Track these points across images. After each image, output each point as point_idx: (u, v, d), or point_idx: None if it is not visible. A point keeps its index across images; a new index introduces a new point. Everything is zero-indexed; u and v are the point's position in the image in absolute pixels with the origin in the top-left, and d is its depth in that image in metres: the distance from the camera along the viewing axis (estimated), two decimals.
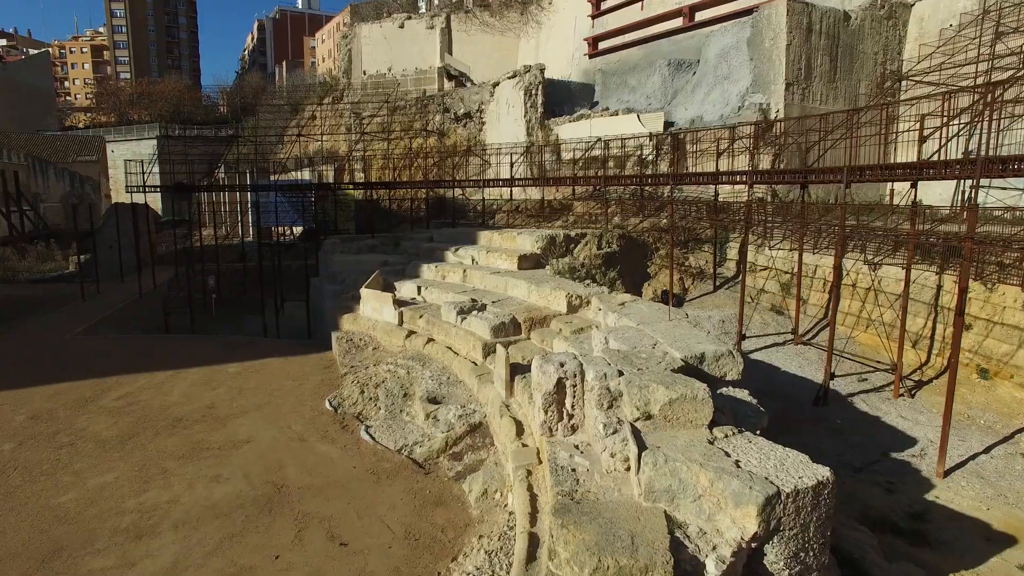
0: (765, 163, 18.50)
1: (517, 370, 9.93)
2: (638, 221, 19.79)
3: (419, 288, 16.29)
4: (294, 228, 32.35)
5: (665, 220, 19.57)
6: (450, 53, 40.14)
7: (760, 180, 14.81)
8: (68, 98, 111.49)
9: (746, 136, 17.52)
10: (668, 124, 22.82)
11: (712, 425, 6.40)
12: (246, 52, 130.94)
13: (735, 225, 19.13)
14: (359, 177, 33.84)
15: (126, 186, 25.31)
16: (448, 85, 38.84)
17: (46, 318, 20.74)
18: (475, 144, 29.52)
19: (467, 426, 9.92)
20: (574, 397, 7.23)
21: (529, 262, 16.08)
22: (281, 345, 17.38)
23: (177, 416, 11.51)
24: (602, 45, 33.43)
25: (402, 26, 40.58)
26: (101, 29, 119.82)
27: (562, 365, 7.26)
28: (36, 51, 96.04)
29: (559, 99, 30.34)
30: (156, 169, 32.83)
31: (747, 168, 17.78)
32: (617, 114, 25.05)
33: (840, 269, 13.10)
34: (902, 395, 12.88)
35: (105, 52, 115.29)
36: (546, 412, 7.20)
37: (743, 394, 7.55)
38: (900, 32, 19.67)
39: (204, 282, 21.27)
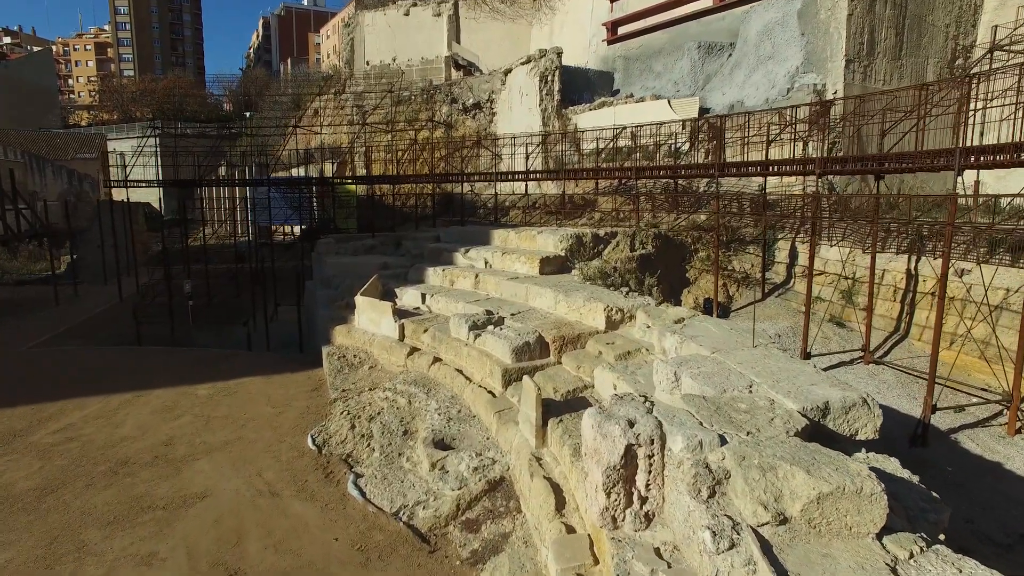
0: (821, 151, 16.08)
1: (550, 410, 7.62)
2: (672, 218, 17.44)
3: (424, 296, 14.00)
4: (295, 227, 30.23)
5: (705, 217, 17.20)
6: (458, 42, 37.89)
7: (830, 170, 12.46)
8: (72, 96, 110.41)
9: (803, 120, 15.16)
10: (703, 111, 20.45)
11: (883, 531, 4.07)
12: (251, 50, 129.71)
13: (786, 223, 16.73)
14: (361, 172, 31.64)
15: (105, 181, 23.23)
16: (456, 75, 36.58)
17: (9, 326, 18.61)
18: (485, 136, 27.22)
19: (485, 483, 7.60)
20: (650, 472, 4.90)
21: (552, 266, 13.76)
22: (265, 360, 15.12)
23: (123, 457, 9.27)
24: (622, 30, 31.02)
25: (407, 13, 38.36)
26: (105, 27, 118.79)
27: (631, 425, 4.92)
28: (40, 48, 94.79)
29: (576, 87, 28.02)
30: (158, 163, 30.92)
31: (800, 156, 15.39)
32: (644, 100, 22.68)
33: (946, 276, 10.68)
34: (1019, 431, 10.43)
35: (109, 50, 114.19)
36: (609, 495, 4.86)
37: (893, 465, 5.19)
38: (975, 1, 17.22)
39: (181, 287, 19.08)
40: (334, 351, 13.89)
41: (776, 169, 13.80)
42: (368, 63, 39.15)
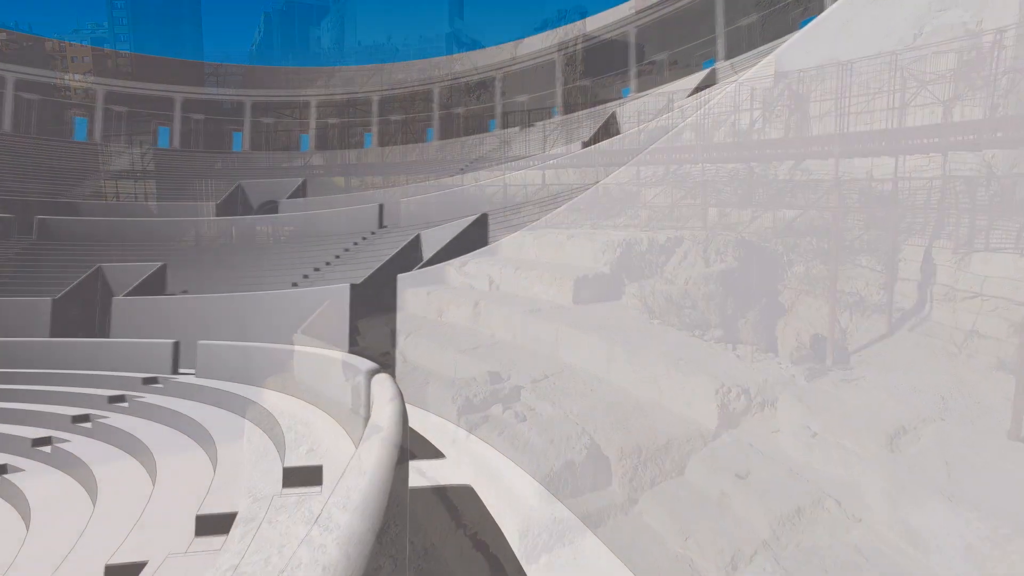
0: (974, 114, 11.24)
1: None
2: (749, 217, 12.68)
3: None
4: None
5: (798, 215, 12.38)
6: (460, 17, 33.28)
7: None
8: (68, 93, 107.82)
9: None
10: (778, 75, 15.65)
11: None
12: (254, 47, 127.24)
13: (914, 224, 11.87)
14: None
15: None
16: (458, 54, 31.95)
17: None
18: (492, 118, 22.54)
19: None
20: None
21: (592, 288, 9.02)
22: (177, 415, 10.48)
23: None
24: None
25: None
26: (104, 23, 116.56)
27: None
28: (31, 43, 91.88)
29: (602, 60, 23.23)
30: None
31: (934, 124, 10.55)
32: (689, 67, 17.90)
33: None
34: None
35: (106, 47, 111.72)
36: None
37: None
38: None
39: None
40: (263, 414, 9.30)
41: (950, 140, 8.97)
42: (360, 44, 34.63)
